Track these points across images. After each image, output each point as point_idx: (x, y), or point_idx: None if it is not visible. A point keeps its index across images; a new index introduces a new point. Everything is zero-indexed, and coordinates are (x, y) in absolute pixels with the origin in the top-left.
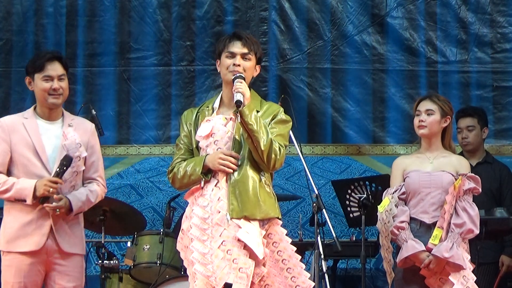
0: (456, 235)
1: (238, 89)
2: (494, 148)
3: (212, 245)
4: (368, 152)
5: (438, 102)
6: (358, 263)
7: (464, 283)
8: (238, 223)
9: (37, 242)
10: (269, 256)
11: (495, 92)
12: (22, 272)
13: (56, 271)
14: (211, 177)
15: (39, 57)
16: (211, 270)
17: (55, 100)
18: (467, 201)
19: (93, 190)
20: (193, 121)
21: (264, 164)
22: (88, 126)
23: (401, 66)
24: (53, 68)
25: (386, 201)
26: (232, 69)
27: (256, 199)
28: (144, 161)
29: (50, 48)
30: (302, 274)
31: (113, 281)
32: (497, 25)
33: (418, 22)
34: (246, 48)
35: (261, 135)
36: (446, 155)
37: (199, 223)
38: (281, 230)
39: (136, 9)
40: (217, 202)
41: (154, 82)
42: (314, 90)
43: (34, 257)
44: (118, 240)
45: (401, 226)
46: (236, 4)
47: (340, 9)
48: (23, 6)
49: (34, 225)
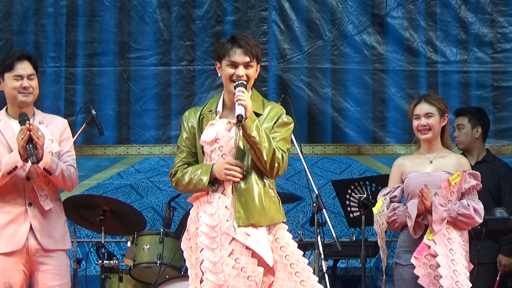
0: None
1: (241, 102)
2: (494, 148)
3: (222, 253)
4: (368, 152)
5: (434, 103)
6: (358, 263)
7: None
8: (247, 231)
9: (17, 242)
10: (278, 261)
11: (495, 92)
12: (6, 273)
13: (40, 270)
14: (218, 186)
15: (9, 56)
16: (223, 279)
17: (25, 98)
18: (472, 199)
19: (68, 166)
20: (197, 124)
21: (268, 172)
22: (60, 121)
23: (401, 66)
24: (23, 67)
25: (380, 203)
26: (235, 79)
27: (262, 206)
28: (144, 161)
29: (51, 47)
30: (311, 278)
31: (113, 281)
32: (497, 25)
33: (418, 22)
34: (248, 56)
35: (263, 145)
36: (446, 154)
37: (207, 231)
38: (288, 234)
39: (136, 9)
40: (225, 210)
41: (154, 82)
42: (314, 90)
43: (16, 257)
44: (118, 240)
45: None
46: (236, 4)
47: (340, 9)
48: (23, 6)
49: (13, 225)
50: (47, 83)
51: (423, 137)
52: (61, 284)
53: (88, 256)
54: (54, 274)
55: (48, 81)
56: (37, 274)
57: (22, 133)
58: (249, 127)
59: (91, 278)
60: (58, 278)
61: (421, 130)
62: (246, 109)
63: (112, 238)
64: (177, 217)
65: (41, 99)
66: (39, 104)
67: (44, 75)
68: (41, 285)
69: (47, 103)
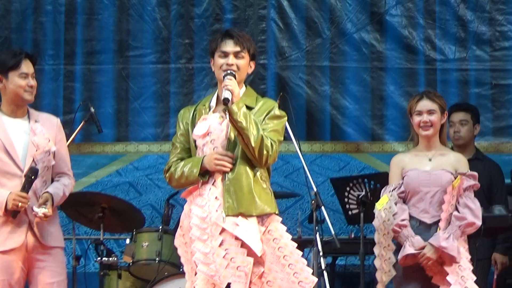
0: (455, 227)
1: (227, 87)
2: (492, 146)
3: (213, 244)
4: (367, 150)
5: (436, 100)
6: (357, 260)
7: (462, 284)
8: (235, 220)
9: (17, 239)
10: (270, 253)
11: (494, 90)
12: (5, 270)
13: (37, 267)
14: (209, 177)
15: (14, 55)
16: (214, 269)
17: (30, 96)
18: (468, 197)
19: (67, 184)
20: (190, 119)
21: (256, 160)
22: (54, 121)
23: (399, 64)
24: (28, 66)
25: (385, 199)
26: (225, 68)
27: (251, 195)
28: (142, 158)
29: (50, 45)
30: (305, 270)
31: (112, 278)
32: (496, 23)
33: (417, 20)
34: (238, 46)
35: (251, 131)
36: (444, 152)
37: (198, 223)
38: (281, 227)
39: (135, 7)
40: (215, 201)
41: (153, 80)
42: (313, 88)
43: (15, 255)
44: (117, 237)
45: (403, 224)
46: (235, 2)
47: (339, 7)
48: (22, 4)
49: (12, 223)
50: (46, 81)
51: (424, 133)
52: (59, 281)
53: (87, 253)
54: (52, 271)
55: (47, 79)
56: (35, 271)
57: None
58: (236, 112)
59: (90, 275)
60: (56, 275)
61: (423, 126)
62: (232, 94)
63: (111, 235)
64: (176, 214)
65: (40, 96)
66: (37, 102)
67: (42, 73)
68: (40, 282)
69: (46, 100)
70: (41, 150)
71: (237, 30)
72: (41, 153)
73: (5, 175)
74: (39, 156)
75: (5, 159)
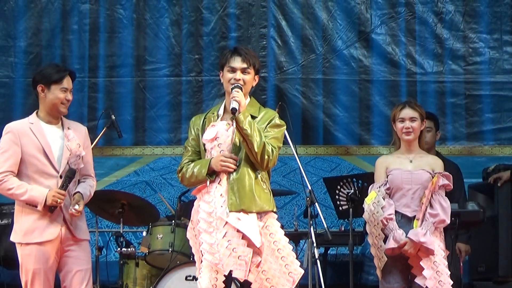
0: (430, 223)
1: (235, 98)
2: (466, 149)
3: (217, 236)
4: (355, 153)
5: (417, 109)
6: (347, 250)
7: (434, 268)
8: (238, 215)
9: (53, 232)
10: (267, 246)
11: (467, 100)
12: (41, 260)
13: (69, 257)
14: (215, 177)
15: (59, 70)
16: (218, 258)
17: (64, 109)
18: (440, 195)
19: (92, 185)
20: (201, 126)
21: (258, 163)
22: (83, 129)
23: (384, 77)
24: (68, 82)
25: (373, 194)
26: (233, 82)
27: (252, 194)
28: (157, 160)
29: (76, 60)
30: (294, 262)
31: (130, 266)
32: (469, 41)
33: (399, 38)
34: (245, 63)
35: (254, 138)
36: (423, 155)
37: (205, 217)
38: (277, 223)
39: (151, 27)
40: (220, 197)
41: (167, 90)
42: (308, 98)
43: (50, 246)
44: (135, 230)
45: (389, 217)
46: (239, 22)
47: (331, 26)
48: (51, 23)
49: (48, 217)
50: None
51: (406, 138)
52: (86, 269)
53: (108, 244)
54: (81, 260)
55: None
56: (66, 260)
57: (58, 196)
58: (242, 120)
59: (111, 264)
60: (84, 263)
61: (405, 132)
62: (239, 104)
63: (130, 228)
64: None
65: None
66: None
67: None
68: (70, 269)
69: (72, 109)
70: (73, 154)
71: (244, 48)
72: (73, 157)
73: (42, 174)
74: (72, 159)
75: (43, 161)
